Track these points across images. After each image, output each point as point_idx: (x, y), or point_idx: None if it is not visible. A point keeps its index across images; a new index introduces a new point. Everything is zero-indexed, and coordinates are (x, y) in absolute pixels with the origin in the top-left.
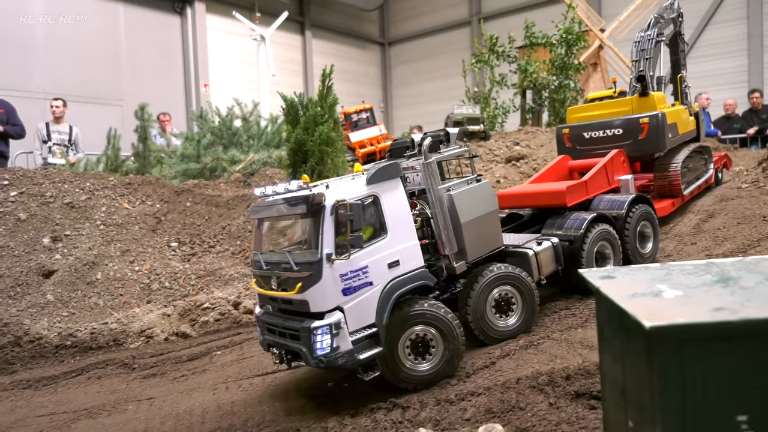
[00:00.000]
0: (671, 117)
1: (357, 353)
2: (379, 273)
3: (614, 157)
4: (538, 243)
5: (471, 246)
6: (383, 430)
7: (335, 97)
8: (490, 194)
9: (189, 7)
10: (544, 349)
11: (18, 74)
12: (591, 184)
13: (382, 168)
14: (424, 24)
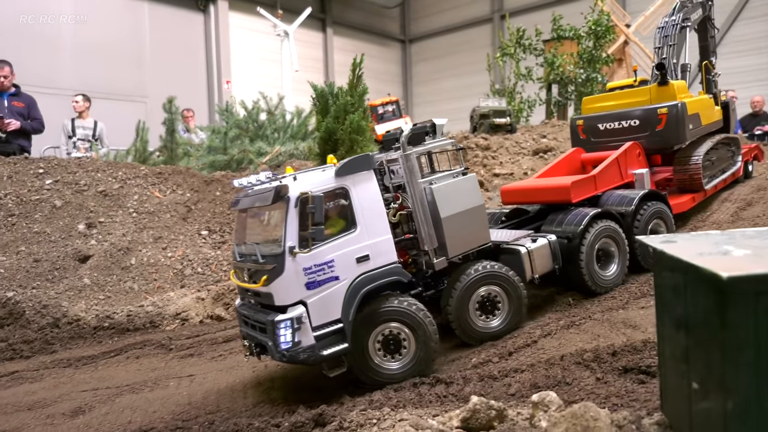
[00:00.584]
0: (693, 107)
1: (320, 349)
2: (347, 268)
3: (628, 150)
4: (533, 240)
5: (452, 242)
6: (429, 403)
7: (365, 87)
8: (475, 188)
9: (212, 4)
10: (586, 329)
11: (46, 71)
12: (600, 179)
13: (352, 160)
14: (445, 21)
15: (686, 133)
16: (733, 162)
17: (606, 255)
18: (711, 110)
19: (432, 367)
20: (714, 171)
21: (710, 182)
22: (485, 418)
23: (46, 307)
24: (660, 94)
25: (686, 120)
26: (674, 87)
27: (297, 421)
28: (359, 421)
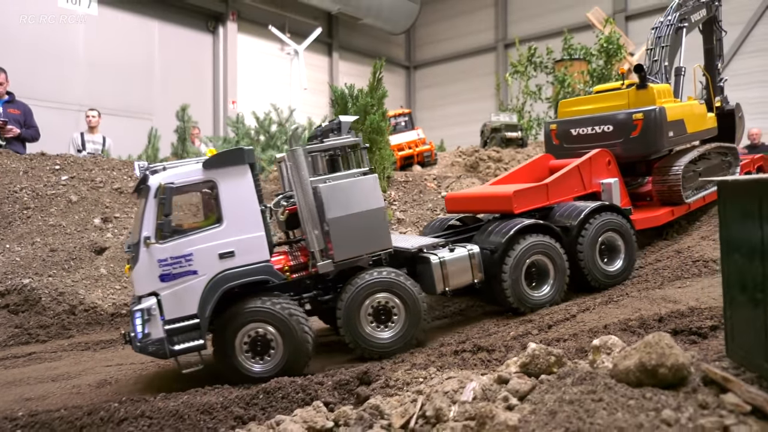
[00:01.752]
0: (675, 113)
1: (171, 343)
2: (207, 263)
3: (595, 158)
4: (451, 250)
5: (340, 245)
6: (473, 366)
7: (384, 90)
8: (375, 190)
9: (221, 26)
10: (626, 304)
11: (55, 86)
12: (555, 188)
13: (222, 153)
14: (450, 49)
15: (664, 141)
16: (729, 173)
17: (540, 272)
18: (701, 117)
19: (305, 368)
20: (699, 182)
21: (695, 195)
22: (544, 363)
23: (63, 294)
24: (639, 99)
25: (664, 127)
26: (654, 91)
27: (341, 379)
28: (405, 380)
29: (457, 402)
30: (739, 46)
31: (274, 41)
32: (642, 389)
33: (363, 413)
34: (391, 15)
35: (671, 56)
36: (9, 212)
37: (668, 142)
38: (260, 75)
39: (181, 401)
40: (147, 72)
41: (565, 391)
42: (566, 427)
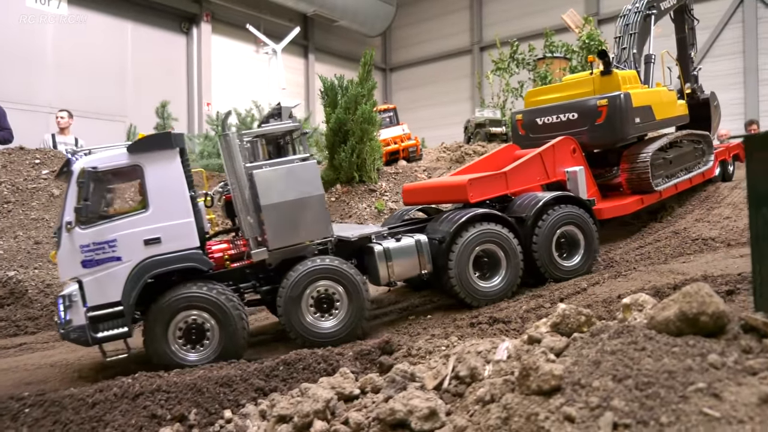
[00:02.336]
0: (641, 99)
1: (94, 330)
2: (131, 249)
3: (558, 145)
4: (397, 240)
5: (275, 232)
6: (493, 335)
7: (374, 81)
8: (314, 177)
9: (195, 27)
10: (635, 278)
11: (25, 88)
12: (514, 177)
13: (149, 137)
14: (426, 51)
15: (629, 128)
16: (702, 161)
17: (491, 263)
18: (670, 104)
19: (242, 356)
20: (672, 170)
21: (666, 182)
22: (575, 323)
23: (50, 286)
24: (604, 85)
25: (630, 113)
26: (618, 77)
27: (362, 349)
28: (428, 349)
29: (491, 361)
30: (708, 50)
31: (249, 42)
32: (683, 338)
33: (395, 376)
34: (366, 17)
35: (640, 44)
36: None
37: (635, 129)
38: (235, 76)
39: (197, 375)
40: (120, 73)
41: (605, 344)
42: (613, 374)
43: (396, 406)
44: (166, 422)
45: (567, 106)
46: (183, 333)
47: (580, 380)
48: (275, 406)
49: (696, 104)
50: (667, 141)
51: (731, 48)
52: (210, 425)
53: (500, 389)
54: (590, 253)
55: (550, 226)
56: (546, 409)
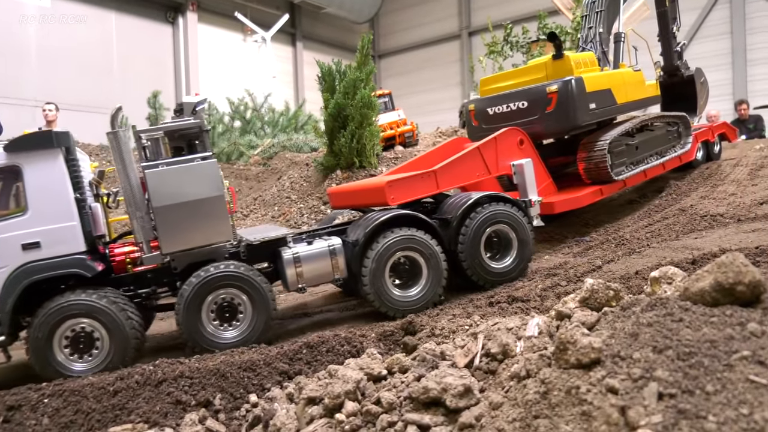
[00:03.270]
0: (597, 83)
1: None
2: (8, 254)
3: (502, 138)
4: (309, 243)
5: (167, 236)
6: (514, 314)
7: (372, 66)
8: (214, 177)
9: (181, 16)
10: (649, 254)
11: (9, 81)
12: (446, 175)
13: (29, 135)
14: (415, 37)
15: (582, 115)
16: (678, 144)
17: (411, 270)
18: (635, 86)
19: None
20: (640, 156)
21: (631, 170)
22: (604, 297)
23: None
24: (556, 70)
25: (582, 99)
26: (570, 61)
27: (385, 330)
28: (451, 328)
29: (523, 338)
30: (696, 31)
31: (237, 31)
32: (720, 308)
33: (425, 355)
34: (354, 4)
35: (609, 22)
36: None
37: (589, 116)
38: (224, 65)
39: (220, 360)
40: (105, 65)
41: (639, 317)
42: (653, 346)
43: (429, 384)
44: (191, 408)
45: (517, 94)
46: (70, 342)
47: (619, 352)
48: (303, 389)
49: (680, 82)
50: (630, 126)
51: (719, 29)
52: (236, 409)
53: (536, 364)
54: (524, 254)
55: (476, 227)
56: (587, 382)
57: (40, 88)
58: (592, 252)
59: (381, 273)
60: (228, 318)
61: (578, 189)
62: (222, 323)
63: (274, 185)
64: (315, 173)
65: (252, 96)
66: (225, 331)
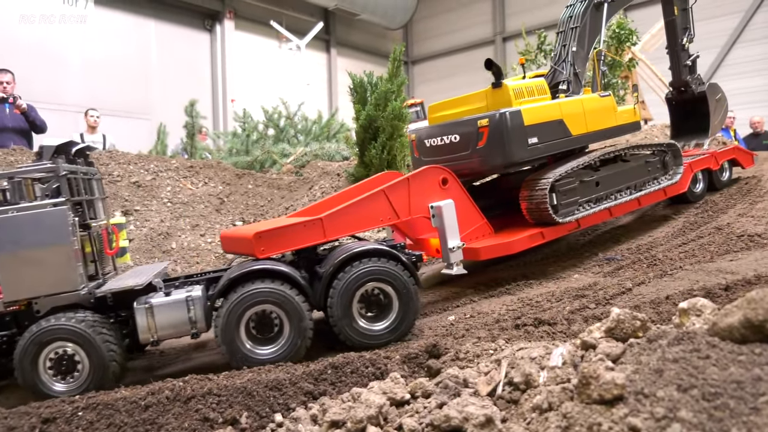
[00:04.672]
0: (543, 114)
1: None
2: None
3: (417, 178)
4: (167, 294)
5: (9, 285)
6: (539, 338)
7: (404, 77)
8: (61, 225)
9: (218, 24)
10: (681, 277)
11: (53, 87)
12: (337, 222)
13: None
14: (448, 43)
15: (519, 151)
16: (662, 175)
17: (270, 326)
18: (600, 114)
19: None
20: (600, 193)
21: (586, 210)
22: (630, 328)
23: None
24: (496, 100)
25: (519, 133)
26: (509, 90)
27: (410, 353)
28: (476, 352)
29: (546, 367)
30: (739, 35)
31: (272, 38)
32: (749, 345)
33: (447, 382)
34: (387, 10)
35: (588, 40)
36: None
37: (529, 152)
38: (260, 72)
39: (247, 378)
40: (144, 71)
41: (665, 352)
42: (678, 384)
43: (451, 413)
44: (219, 425)
45: (451, 126)
46: None
47: (643, 389)
48: (327, 412)
49: (691, 99)
50: (588, 160)
51: (762, 32)
52: (261, 428)
53: (558, 397)
54: (405, 315)
55: (347, 284)
56: (609, 419)
57: (82, 94)
58: (622, 272)
59: (234, 329)
60: (65, 372)
61: (517, 231)
62: (59, 377)
63: (305, 195)
64: (346, 184)
65: (285, 104)
66: (59, 385)
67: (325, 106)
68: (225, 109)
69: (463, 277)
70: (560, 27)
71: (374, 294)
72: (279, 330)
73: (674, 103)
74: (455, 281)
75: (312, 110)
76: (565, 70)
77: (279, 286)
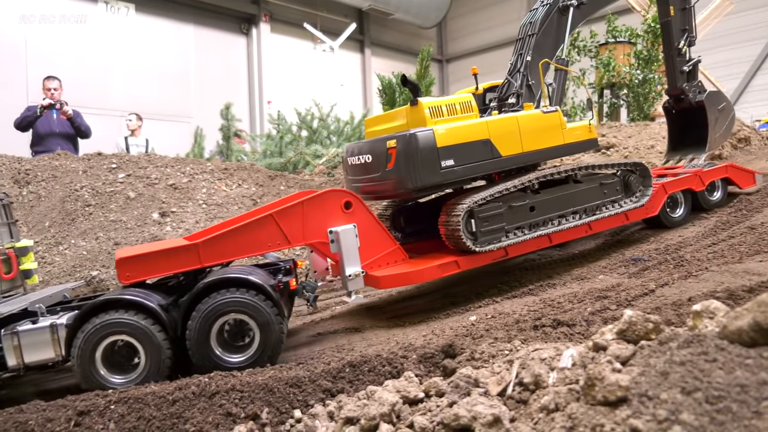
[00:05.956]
0: (462, 134)
1: None
2: None
3: (314, 203)
4: (33, 321)
5: None
6: (556, 339)
7: (432, 78)
8: None
9: (254, 28)
10: (707, 278)
11: (97, 92)
12: (214, 249)
13: None
14: (483, 41)
15: (428, 175)
16: (625, 198)
17: (129, 356)
18: (546, 131)
19: None
20: (535, 219)
21: (514, 238)
22: (642, 330)
23: None
24: (414, 118)
25: (429, 156)
26: (423, 108)
27: (426, 353)
28: (491, 353)
29: (556, 368)
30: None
31: (306, 40)
32: (757, 349)
33: (459, 381)
34: (421, 9)
35: (549, 48)
36: (72, 210)
37: (442, 175)
38: (294, 74)
39: (268, 375)
40: (184, 75)
41: (673, 354)
42: (682, 387)
43: (460, 411)
44: (240, 420)
45: (368, 144)
46: None
47: (647, 392)
48: (343, 408)
49: (688, 110)
50: (518, 182)
51: None
52: (281, 424)
53: (565, 398)
54: (265, 347)
55: (204, 316)
56: (612, 421)
57: (125, 99)
58: (648, 273)
59: (89, 359)
60: None
61: (431, 258)
62: None
63: None
64: None
65: (318, 106)
66: None
67: (359, 107)
68: (261, 111)
69: (486, 277)
70: (519, 34)
71: (234, 325)
72: (138, 360)
73: (673, 113)
74: (478, 281)
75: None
76: (516, 81)
77: (133, 316)
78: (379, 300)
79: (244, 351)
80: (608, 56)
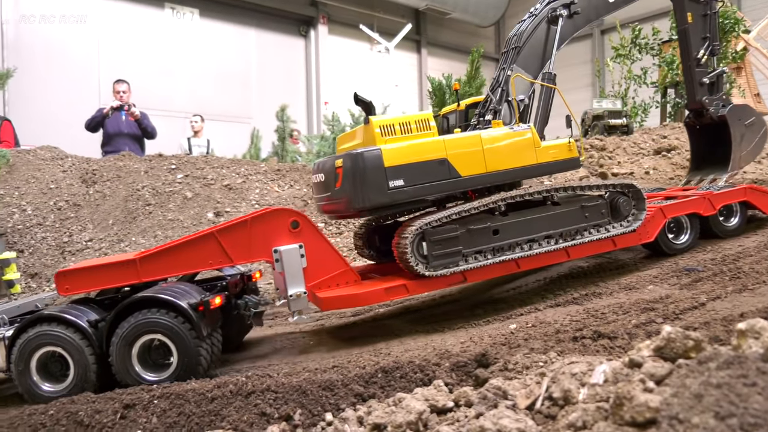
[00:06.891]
0: (414, 153)
1: None
2: None
3: (259, 221)
4: None
5: None
6: (595, 352)
7: (483, 79)
8: None
9: (313, 30)
10: (763, 293)
11: (163, 95)
12: (153, 264)
13: None
14: None
15: (375, 195)
16: (613, 222)
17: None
18: (516, 150)
19: None
20: (498, 244)
21: (474, 262)
22: (681, 347)
23: None
24: (367, 137)
25: (376, 176)
26: (374, 127)
27: (459, 361)
28: (525, 364)
29: (587, 384)
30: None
31: (363, 41)
32: None
33: (487, 393)
34: (478, 8)
35: (536, 62)
36: (133, 208)
37: (390, 196)
38: (350, 75)
39: (303, 378)
40: (245, 77)
41: (711, 375)
42: (716, 411)
43: (486, 424)
44: (274, 420)
45: (323, 163)
46: None
47: (678, 414)
48: (371, 414)
49: (711, 125)
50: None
51: None
52: (312, 426)
53: (593, 416)
54: (186, 367)
55: (124, 337)
56: None
57: (189, 101)
58: (701, 285)
59: (25, 369)
60: None
61: (381, 281)
62: None
63: None
64: None
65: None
66: None
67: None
68: (318, 112)
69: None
70: (503, 46)
71: (155, 344)
72: (66, 371)
73: (695, 129)
74: (521, 287)
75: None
76: (495, 97)
77: (63, 330)
78: (421, 303)
79: (166, 370)
80: (672, 54)
